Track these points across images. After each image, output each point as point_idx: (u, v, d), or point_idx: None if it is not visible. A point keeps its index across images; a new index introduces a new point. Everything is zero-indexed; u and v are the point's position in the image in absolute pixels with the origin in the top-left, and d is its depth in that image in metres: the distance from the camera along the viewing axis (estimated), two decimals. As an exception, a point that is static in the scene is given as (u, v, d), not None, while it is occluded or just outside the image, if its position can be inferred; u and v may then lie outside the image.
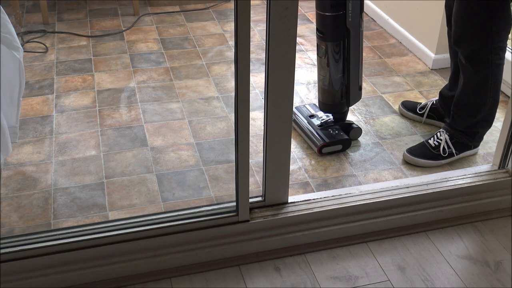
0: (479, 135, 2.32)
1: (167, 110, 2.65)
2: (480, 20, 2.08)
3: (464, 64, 2.18)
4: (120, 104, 2.69)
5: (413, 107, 2.62)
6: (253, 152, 2.35)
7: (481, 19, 2.07)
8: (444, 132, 2.33)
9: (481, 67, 2.15)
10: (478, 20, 2.08)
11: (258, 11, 3.63)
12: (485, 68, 2.15)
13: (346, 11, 2.18)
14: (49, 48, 3.18)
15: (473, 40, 2.12)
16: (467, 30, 2.11)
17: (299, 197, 1.94)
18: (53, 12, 3.60)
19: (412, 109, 2.61)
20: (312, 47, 3.25)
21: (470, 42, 2.13)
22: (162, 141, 2.44)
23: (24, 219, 2.02)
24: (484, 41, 2.10)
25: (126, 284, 1.77)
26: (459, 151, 2.32)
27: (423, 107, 2.57)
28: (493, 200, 2.06)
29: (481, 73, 2.16)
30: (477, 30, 2.09)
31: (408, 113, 2.61)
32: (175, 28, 3.46)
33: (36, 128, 2.51)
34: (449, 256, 1.90)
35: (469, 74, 2.19)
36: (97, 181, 2.20)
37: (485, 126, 2.31)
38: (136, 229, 1.75)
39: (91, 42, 3.27)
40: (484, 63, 2.14)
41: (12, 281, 1.69)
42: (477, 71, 2.16)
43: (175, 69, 3.00)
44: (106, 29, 3.42)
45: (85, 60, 3.08)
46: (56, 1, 3.72)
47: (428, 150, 2.31)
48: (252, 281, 1.79)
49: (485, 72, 2.16)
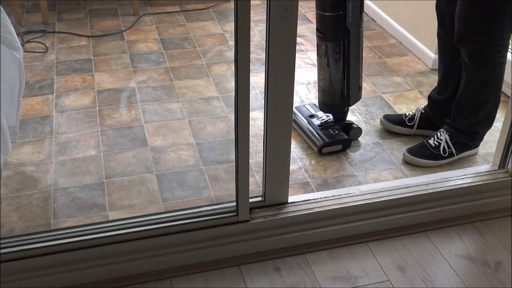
0: (479, 135, 2.32)
1: (167, 110, 2.65)
2: (483, 18, 2.07)
3: (466, 63, 2.18)
4: (120, 104, 2.69)
5: (398, 119, 2.48)
6: (253, 152, 2.35)
7: (484, 17, 2.07)
8: (444, 132, 2.32)
9: (483, 65, 2.15)
10: (482, 18, 2.08)
11: (258, 11, 3.63)
12: (488, 66, 2.15)
13: (346, 11, 2.18)
14: (49, 48, 3.18)
15: (477, 38, 2.11)
16: (470, 29, 2.11)
17: (299, 197, 1.94)
18: (53, 12, 3.60)
19: (398, 122, 2.47)
20: (312, 47, 3.25)
21: (473, 40, 2.12)
22: (162, 141, 2.44)
23: (24, 219, 2.02)
24: (488, 39, 2.09)
25: (126, 284, 1.77)
26: (460, 151, 2.32)
27: (412, 119, 2.45)
28: (493, 200, 2.06)
29: (483, 71, 2.16)
30: (481, 28, 2.09)
31: (395, 127, 2.47)
32: (175, 28, 3.46)
33: (36, 128, 2.51)
34: (449, 256, 1.90)
35: (471, 72, 2.19)
36: (97, 181, 2.20)
37: (485, 126, 2.31)
38: (136, 229, 1.75)
39: (91, 42, 3.27)
40: (487, 61, 2.14)
41: (12, 281, 1.69)
42: (479, 69, 2.16)
43: (175, 69, 3.00)
44: (106, 29, 3.42)
45: (85, 60, 3.08)
46: (56, 1, 3.72)
47: (428, 150, 2.30)
48: (252, 281, 1.79)
49: (487, 70, 2.15)
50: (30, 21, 3.48)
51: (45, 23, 3.45)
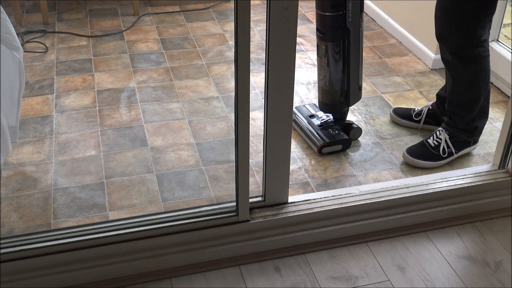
0: (478, 130, 2.31)
1: (167, 110, 2.65)
2: (465, 14, 2.05)
3: (450, 61, 2.16)
4: (120, 104, 2.69)
5: (406, 114, 2.54)
6: (253, 152, 2.35)
7: (466, 13, 2.05)
8: (443, 131, 2.32)
9: (470, 62, 2.14)
10: (463, 14, 2.05)
11: (258, 11, 3.63)
12: (474, 62, 2.13)
13: (346, 11, 2.18)
14: (49, 48, 3.18)
15: (459, 34, 2.09)
16: (451, 25, 2.09)
17: (299, 197, 1.94)
18: (53, 12, 3.60)
19: (406, 116, 2.53)
20: (312, 47, 3.25)
21: (455, 36, 2.11)
22: (162, 141, 2.44)
23: (24, 219, 2.02)
24: (470, 35, 2.08)
25: (126, 284, 1.77)
26: (459, 149, 2.31)
27: (419, 114, 2.50)
28: (493, 200, 2.06)
29: (471, 67, 2.15)
30: (463, 25, 2.07)
31: (403, 120, 2.53)
32: (175, 28, 3.46)
33: (36, 128, 2.51)
34: (449, 256, 1.90)
35: (458, 71, 2.18)
36: (97, 181, 2.20)
37: (482, 119, 2.30)
38: (136, 229, 1.75)
39: (91, 42, 3.27)
40: (472, 57, 2.12)
41: (12, 281, 1.69)
42: (467, 66, 2.15)
43: (175, 69, 3.00)
44: (106, 29, 3.42)
45: (85, 60, 3.08)
46: (56, 1, 3.72)
47: (428, 150, 2.30)
48: (252, 281, 1.79)
49: (474, 66, 2.14)
50: (30, 21, 3.48)
51: (45, 23, 3.45)
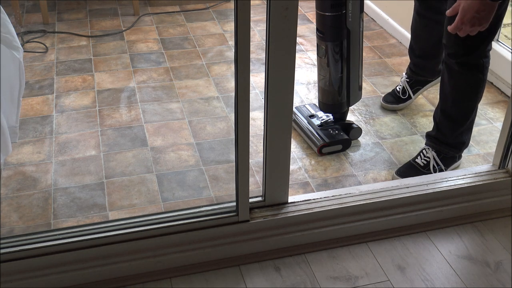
0: (465, 145, 2.25)
1: (167, 110, 2.65)
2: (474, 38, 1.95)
3: (456, 70, 2.09)
4: (120, 104, 2.69)
5: (396, 97, 2.67)
6: (253, 152, 2.35)
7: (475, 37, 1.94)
8: (429, 149, 2.24)
9: (473, 71, 2.08)
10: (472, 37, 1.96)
11: (258, 11, 3.63)
12: (478, 72, 2.08)
13: (346, 11, 2.18)
14: (49, 48, 3.18)
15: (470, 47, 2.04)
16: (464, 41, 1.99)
17: (299, 197, 1.94)
18: (53, 12, 3.60)
19: (396, 100, 2.67)
20: (312, 47, 3.25)
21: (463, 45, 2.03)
22: (162, 141, 2.44)
23: (24, 219, 2.02)
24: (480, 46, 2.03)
25: (126, 284, 1.77)
26: (447, 165, 2.25)
27: (404, 91, 2.63)
28: (493, 200, 2.06)
29: (474, 77, 2.09)
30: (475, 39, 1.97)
31: (399, 105, 2.66)
32: (175, 28, 3.46)
33: (36, 128, 2.51)
34: (449, 256, 1.90)
35: (461, 80, 2.12)
36: (97, 181, 2.20)
37: (469, 133, 2.24)
38: (136, 229, 1.75)
39: (91, 42, 3.27)
40: (476, 67, 2.08)
41: (12, 281, 1.69)
42: (471, 76, 2.09)
43: (175, 69, 3.00)
44: (106, 29, 3.42)
45: (85, 60, 3.08)
46: (56, 1, 3.72)
47: (418, 170, 2.22)
48: (252, 281, 1.79)
49: (477, 76, 2.09)
50: (30, 21, 3.48)
51: (45, 23, 3.45)
